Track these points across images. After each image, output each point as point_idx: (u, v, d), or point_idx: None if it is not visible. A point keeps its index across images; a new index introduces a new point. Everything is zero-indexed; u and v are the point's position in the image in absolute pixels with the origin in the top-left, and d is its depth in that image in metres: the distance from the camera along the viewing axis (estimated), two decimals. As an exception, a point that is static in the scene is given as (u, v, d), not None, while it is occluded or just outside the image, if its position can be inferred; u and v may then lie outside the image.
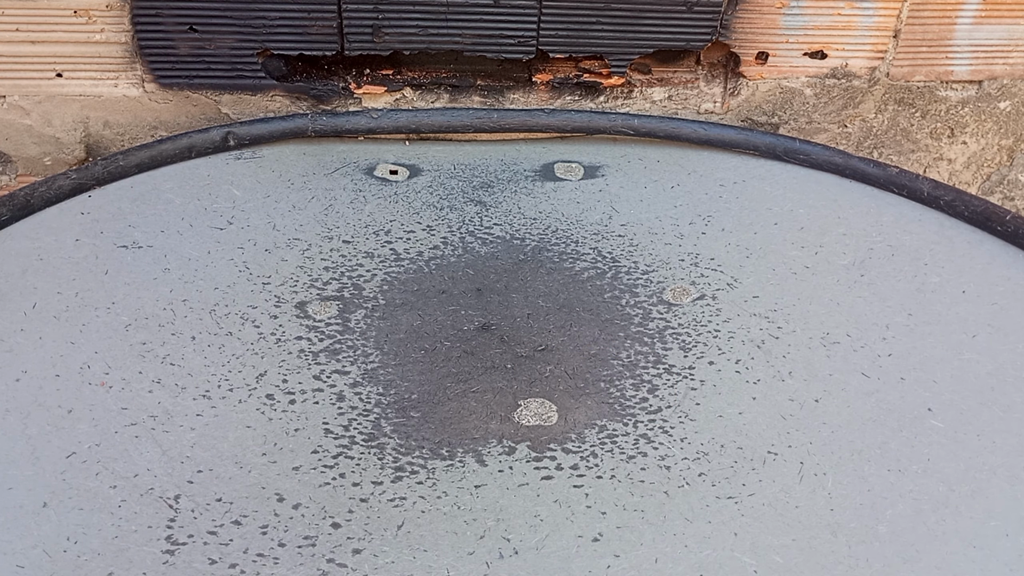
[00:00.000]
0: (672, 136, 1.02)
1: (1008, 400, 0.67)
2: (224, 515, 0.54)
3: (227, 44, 0.95)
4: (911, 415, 0.65)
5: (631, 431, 0.63)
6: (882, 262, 0.83)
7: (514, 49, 1.00)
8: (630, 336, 0.72)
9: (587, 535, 0.54)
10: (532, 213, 0.89)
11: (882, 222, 0.89)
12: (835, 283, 0.80)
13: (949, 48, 1.10)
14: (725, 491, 0.58)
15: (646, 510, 0.56)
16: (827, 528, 0.56)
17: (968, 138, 1.18)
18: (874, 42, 1.07)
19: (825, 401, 0.66)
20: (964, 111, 1.16)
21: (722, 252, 0.84)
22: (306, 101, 1.00)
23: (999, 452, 0.62)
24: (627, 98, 1.07)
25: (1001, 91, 1.15)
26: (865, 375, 0.69)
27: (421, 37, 0.97)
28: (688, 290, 0.78)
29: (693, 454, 0.61)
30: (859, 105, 1.12)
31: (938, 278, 0.81)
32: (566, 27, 0.99)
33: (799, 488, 0.59)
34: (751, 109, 1.10)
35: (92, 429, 0.59)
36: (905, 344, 0.72)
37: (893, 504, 0.58)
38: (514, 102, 1.05)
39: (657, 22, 1.00)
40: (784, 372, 0.69)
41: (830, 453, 0.61)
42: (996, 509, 0.57)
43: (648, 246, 0.84)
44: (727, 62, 1.08)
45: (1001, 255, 0.85)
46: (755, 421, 0.64)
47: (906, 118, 1.14)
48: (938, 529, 0.56)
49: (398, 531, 0.54)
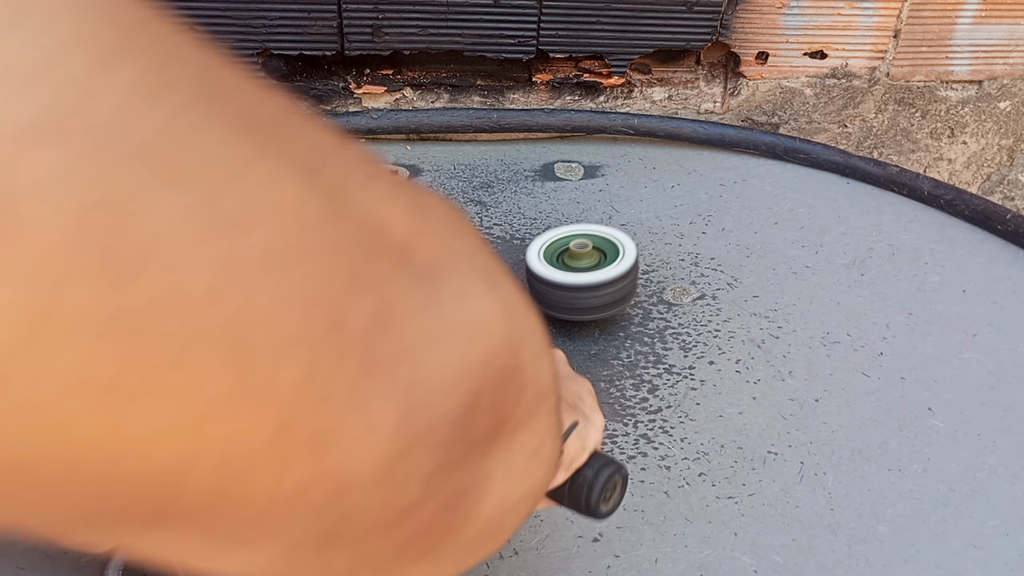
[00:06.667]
0: (672, 136, 1.02)
1: (1009, 399, 0.67)
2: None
3: (227, 44, 0.95)
4: (911, 414, 0.65)
5: (631, 431, 0.63)
6: (882, 261, 0.83)
7: (514, 49, 1.00)
8: (630, 336, 0.72)
9: (587, 535, 0.54)
10: (532, 213, 0.89)
11: (882, 221, 0.89)
12: (835, 282, 0.80)
13: (949, 48, 1.10)
14: (725, 491, 0.58)
15: (646, 510, 0.56)
16: (827, 528, 0.56)
17: (968, 138, 1.18)
18: (874, 42, 1.07)
19: (825, 400, 0.66)
20: (964, 111, 1.16)
21: (722, 251, 0.84)
22: (306, 101, 1.00)
23: (1000, 451, 0.62)
24: (627, 98, 1.07)
25: (1001, 91, 1.15)
26: (865, 374, 0.69)
27: (421, 37, 0.98)
28: (688, 290, 0.78)
29: (693, 454, 0.61)
30: (859, 105, 1.12)
31: (938, 277, 0.81)
32: (566, 27, 0.99)
33: (799, 488, 0.59)
34: (751, 109, 1.10)
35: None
36: (905, 343, 0.72)
37: (893, 503, 0.58)
38: (514, 102, 1.05)
39: (657, 22, 1.00)
40: (784, 372, 0.69)
41: (830, 453, 0.61)
42: (997, 509, 0.57)
43: (648, 246, 0.84)
44: (727, 62, 1.08)
45: (1002, 254, 0.85)
46: (755, 421, 0.64)
47: (906, 118, 1.14)
48: (938, 528, 0.56)
49: (398, 531, 0.54)
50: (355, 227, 0.20)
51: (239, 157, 0.17)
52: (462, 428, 0.21)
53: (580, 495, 0.42)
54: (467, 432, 0.22)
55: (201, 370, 0.16)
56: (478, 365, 0.22)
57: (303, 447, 0.18)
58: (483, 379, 0.22)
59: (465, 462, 0.22)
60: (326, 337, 0.18)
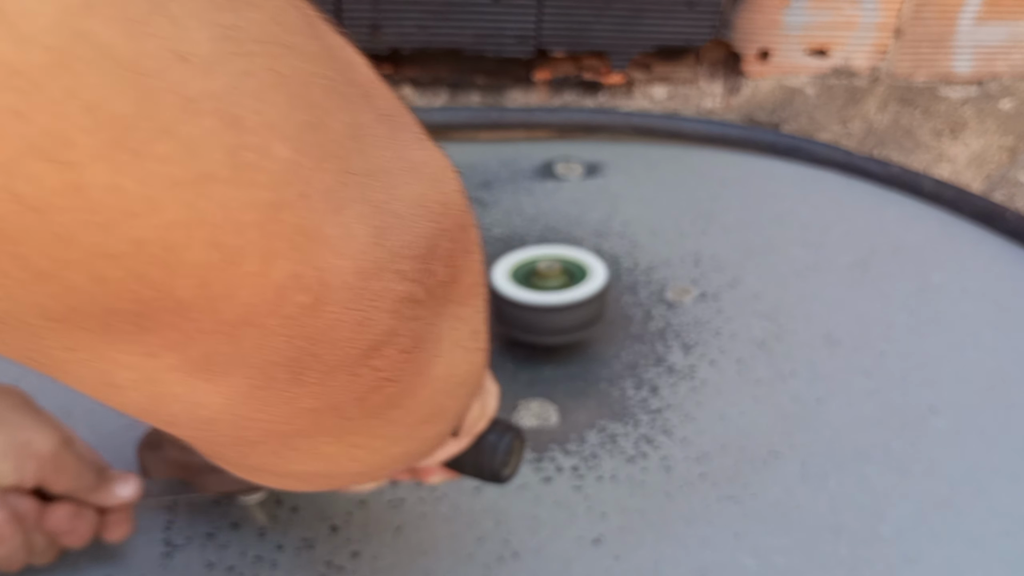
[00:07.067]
0: (673, 134, 1.01)
1: (1011, 399, 0.66)
2: (222, 517, 0.54)
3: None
4: (913, 414, 0.65)
5: (631, 432, 0.62)
6: (884, 260, 0.82)
7: (514, 47, 0.99)
8: (631, 336, 0.72)
9: (587, 537, 0.54)
10: (532, 212, 0.89)
11: (884, 220, 0.89)
12: (837, 282, 0.79)
13: (950, 47, 1.10)
14: (726, 492, 0.58)
15: (647, 511, 0.56)
16: (829, 529, 0.55)
17: (969, 137, 1.18)
18: (876, 40, 1.07)
19: (827, 401, 0.66)
20: (965, 110, 1.15)
21: (723, 251, 0.83)
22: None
23: (1002, 451, 0.62)
24: (628, 96, 1.07)
25: (1002, 90, 1.14)
26: (867, 374, 0.69)
27: (420, 35, 0.97)
28: (689, 289, 0.78)
29: (694, 455, 0.61)
30: (861, 104, 1.11)
31: (940, 276, 0.81)
32: (566, 25, 0.99)
33: (801, 489, 0.58)
34: (752, 107, 1.09)
35: (91, 432, 0.58)
36: (907, 343, 0.72)
37: (895, 504, 0.57)
38: (514, 100, 1.05)
39: (658, 20, 1.00)
40: (786, 371, 0.69)
41: (832, 453, 0.61)
42: (999, 509, 0.57)
43: (649, 245, 0.84)
44: (728, 60, 1.07)
45: (1004, 253, 0.84)
46: (757, 421, 0.64)
47: (908, 117, 1.14)
48: (940, 529, 0.55)
49: (397, 534, 0.53)
50: (331, 52, 0.22)
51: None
52: (425, 264, 0.23)
53: (483, 460, 0.44)
54: (429, 272, 0.24)
55: (201, 132, 0.17)
56: (438, 207, 0.24)
57: (287, 242, 0.19)
58: (442, 222, 0.24)
59: (426, 306, 0.24)
60: (309, 132, 0.19)
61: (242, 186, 0.18)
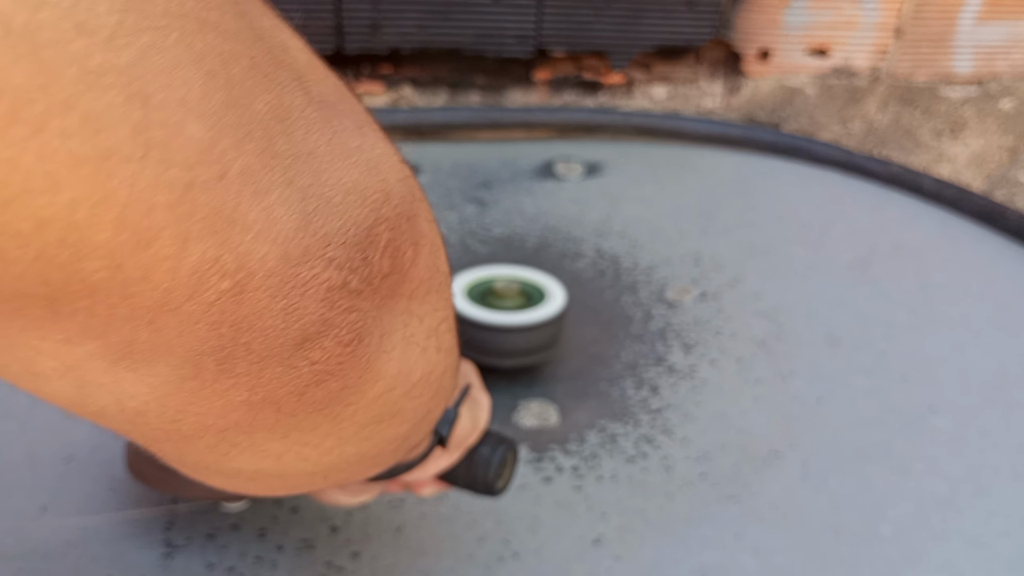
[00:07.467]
0: (673, 134, 1.01)
1: (1011, 398, 0.66)
2: (222, 518, 0.54)
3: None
4: (914, 414, 0.65)
5: (632, 431, 0.62)
6: (885, 259, 0.82)
7: (514, 47, 0.99)
8: (631, 336, 0.72)
9: (587, 537, 0.54)
10: (532, 212, 0.89)
11: (885, 219, 0.89)
12: (837, 281, 0.79)
13: (951, 47, 1.10)
14: (727, 492, 0.58)
15: (647, 511, 0.56)
16: (830, 529, 0.55)
17: (970, 137, 1.18)
18: (876, 40, 1.07)
19: (827, 400, 0.66)
20: (966, 110, 1.15)
21: (724, 250, 0.83)
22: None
23: (1002, 451, 0.61)
24: (628, 96, 1.07)
25: (1003, 90, 1.14)
26: (868, 374, 0.68)
27: (420, 35, 0.97)
28: (689, 289, 0.78)
29: (695, 454, 0.61)
30: (861, 103, 1.11)
31: (941, 275, 0.81)
32: (566, 25, 0.99)
33: (801, 488, 0.58)
34: (753, 107, 1.09)
35: (91, 433, 0.58)
36: (908, 342, 0.72)
37: (896, 504, 0.57)
38: (514, 100, 1.05)
39: (658, 19, 1.00)
40: (786, 371, 0.69)
41: (832, 453, 0.61)
42: (999, 508, 0.57)
43: (649, 244, 0.84)
44: (728, 60, 1.07)
45: (1005, 252, 0.84)
46: (757, 421, 0.64)
47: (908, 117, 1.14)
48: (941, 529, 0.55)
49: (397, 534, 0.53)
50: (257, 32, 0.21)
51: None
52: (361, 253, 0.22)
53: (476, 473, 0.44)
54: (365, 261, 0.23)
55: (104, 107, 0.17)
56: (376, 194, 0.23)
57: (203, 224, 0.19)
58: (380, 211, 0.23)
59: (365, 297, 0.23)
60: (227, 112, 0.19)
61: (150, 164, 0.17)
